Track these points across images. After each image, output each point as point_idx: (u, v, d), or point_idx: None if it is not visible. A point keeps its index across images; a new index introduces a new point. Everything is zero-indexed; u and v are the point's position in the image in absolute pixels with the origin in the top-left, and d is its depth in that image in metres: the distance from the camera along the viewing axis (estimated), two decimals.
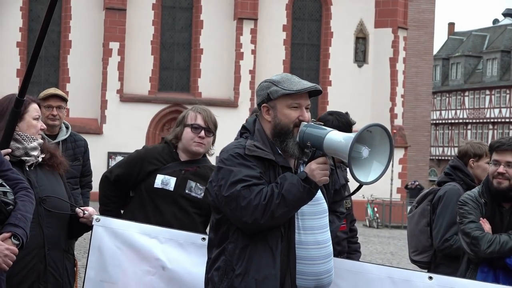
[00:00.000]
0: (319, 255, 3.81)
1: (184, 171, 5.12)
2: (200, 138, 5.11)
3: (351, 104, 36.13)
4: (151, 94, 34.74)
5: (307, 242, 3.79)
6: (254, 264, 3.69)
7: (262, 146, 3.80)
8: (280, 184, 3.66)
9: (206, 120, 5.15)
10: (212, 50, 35.36)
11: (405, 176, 38.07)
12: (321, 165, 3.65)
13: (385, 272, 4.36)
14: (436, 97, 69.76)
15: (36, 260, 4.22)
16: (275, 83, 3.85)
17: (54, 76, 34.89)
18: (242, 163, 3.72)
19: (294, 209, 3.68)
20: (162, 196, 5.05)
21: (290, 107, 3.81)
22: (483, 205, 5.07)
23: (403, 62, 37.34)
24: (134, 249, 4.59)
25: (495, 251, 4.89)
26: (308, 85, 3.83)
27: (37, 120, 4.41)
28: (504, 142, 5.00)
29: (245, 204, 3.63)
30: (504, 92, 65.31)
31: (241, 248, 3.72)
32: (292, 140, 3.79)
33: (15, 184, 4.00)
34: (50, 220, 4.30)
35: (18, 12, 34.43)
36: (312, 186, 3.64)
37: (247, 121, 4.01)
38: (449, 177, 6.14)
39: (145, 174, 5.10)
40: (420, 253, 6.21)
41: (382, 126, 3.62)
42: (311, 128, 3.72)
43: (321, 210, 3.90)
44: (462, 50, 70.22)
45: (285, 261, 3.72)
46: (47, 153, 4.44)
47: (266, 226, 3.65)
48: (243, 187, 3.65)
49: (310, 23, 37.50)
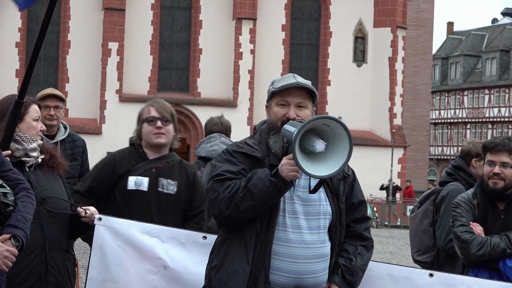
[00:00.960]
0: (304, 254, 3.78)
1: (154, 169, 5.10)
2: (157, 128, 5.08)
3: (350, 104, 36.21)
4: (150, 94, 34.73)
5: (292, 240, 3.78)
6: (228, 257, 3.79)
7: (255, 144, 3.88)
8: (249, 178, 3.73)
9: (160, 111, 5.12)
10: (211, 50, 35.37)
11: (405, 175, 38.09)
12: (290, 160, 3.62)
13: (385, 269, 4.37)
14: (435, 97, 69.77)
15: (37, 260, 4.22)
16: (272, 83, 3.95)
17: (53, 76, 34.90)
18: (228, 159, 3.85)
19: (263, 203, 3.69)
20: (136, 197, 5.03)
21: (278, 105, 3.87)
22: (475, 207, 5.05)
23: (402, 61, 37.36)
24: (135, 248, 4.59)
25: (486, 254, 4.86)
26: (290, 82, 3.85)
27: (37, 121, 4.41)
28: (499, 142, 4.98)
29: (214, 197, 3.77)
30: (503, 92, 65.33)
31: (222, 241, 3.86)
32: (274, 137, 3.85)
33: (16, 184, 4.00)
34: (51, 220, 4.30)
35: (17, 13, 34.40)
36: (279, 181, 3.63)
37: (260, 121, 4.10)
38: (452, 177, 6.14)
39: (117, 178, 5.05)
40: (423, 253, 6.22)
41: (339, 121, 3.61)
42: (289, 125, 3.73)
43: (318, 211, 3.86)
44: (461, 49, 70.23)
45: (261, 257, 3.74)
46: (46, 154, 4.45)
47: (233, 219, 3.75)
48: (216, 181, 3.78)
49: (309, 23, 37.51)
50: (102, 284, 4.60)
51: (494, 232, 4.95)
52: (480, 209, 5.03)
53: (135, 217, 4.75)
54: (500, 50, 66.05)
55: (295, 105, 3.84)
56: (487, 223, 5.00)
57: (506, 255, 4.88)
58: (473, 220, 5.03)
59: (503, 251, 4.86)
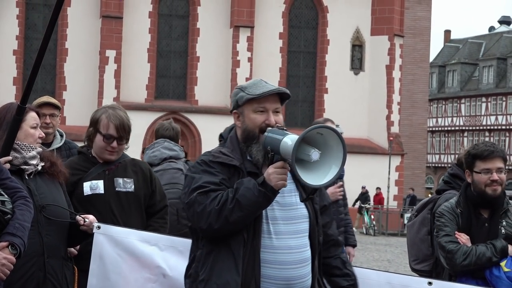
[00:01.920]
0: (290, 260, 3.76)
1: (107, 171, 5.08)
2: (112, 148, 5.08)
3: (348, 112, 36.22)
4: (148, 102, 34.75)
5: (278, 247, 3.75)
6: (216, 269, 3.71)
7: (229, 152, 3.83)
8: (236, 188, 3.67)
9: (119, 129, 5.07)
10: (209, 58, 35.39)
11: (402, 183, 38.09)
12: (278, 169, 3.62)
13: (384, 277, 4.37)
14: (433, 105, 69.82)
15: (35, 268, 4.21)
16: (243, 89, 3.88)
17: (51, 84, 34.89)
18: (205, 170, 3.77)
19: (251, 213, 3.66)
20: (95, 201, 4.99)
21: (256, 112, 3.82)
22: (459, 215, 5.04)
23: (399, 69, 37.40)
24: (134, 257, 4.60)
25: (471, 264, 4.85)
26: (270, 88, 3.81)
27: (35, 128, 4.40)
28: (493, 149, 4.98)
29: (200, 210, 3.68)
30: (500, 100, 65.40)
31: (206, 254, 3.77)
32: (257, 145, 3.80)
33: (14, 193, 4.00)
34: (49, 228, 4.29)
35: (15, 20, 34.44)
36: (268, 190, 3.61)
37: (225, 129, 4.07)
38: (449, 185, 6.14)
39: (72, 186, 4.96)
40: (421, 262, 6.20)
41: (334, 129, 3.59)
42: (272, 133, 3.70)
43: (297, 215, 3.85)
44: (458, 57, 70.31)
45: (250, 266, 3.71)
46: (47, 162, 4.44)
47: (223, 231, 3.68)
48: (199, 193, 3.70)
49: (307, 31, 37.54)
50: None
51: (479, 240, 4.94)
52: (464, 218, 5.02)
53: (100, 221, 4.68)
54: (497, 58, 66.13)
55: (272, 111, 3.82)
56: (471, 231, 4.99)
57: (492, 264, 4.86)
58: (457, 229, 5.01)
59: (489, 259, 4.84)
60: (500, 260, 4.86)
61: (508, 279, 4.79)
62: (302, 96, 37.41)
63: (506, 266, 4.83)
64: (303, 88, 37.47)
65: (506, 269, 4.82)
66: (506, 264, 4.84)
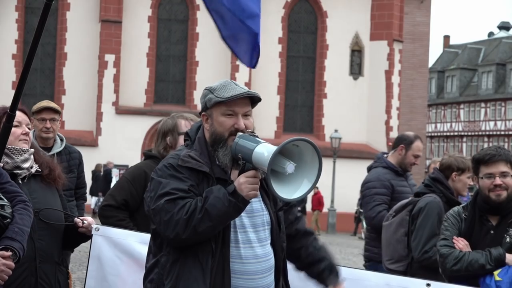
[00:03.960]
0: (258, 269, 3.66)
1: None
2: None
3: (347, 117, 36.22)
4: (147, 106, 34.72)
5: (246, 256, 3.64)
6: (183, 280, 3.56)
7: (198, 156, 3.67)
8: (205, 197, 3.52)
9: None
10: (208, 63, 35.37)
11: None
12: (250, 178, 3.48)
13: (382, 279, 4.37)
14: (432, 110, 69.84)
15: (27, 273, 4.19)
16: (212, 91, 3.74)
17: (50, 88, 34.87)
18: (173, 175, 3.61)
19: (220, 223, 3.52)
20: None
21: (225, 115, 3.66)
22: (463, 220, 4.97)
23: (398, 74, 37.40)
24: (133, 258, 4.60)
25: (462, 269, 4.78)
26: (240, 92, 3.65)
27: (16, 127, 4.31)
28: (495, 153, 4.86)
29: (168, 219, 3.52)
30: (499, 105, 65.42)
31: (172, 262, 3.61)
32: (223, 149, 3.65)
33: (13, 197, 3.99)
34: (42, 232, 4.27)
35: (14, 25, 34.44)
36: (239, 201, 3.47)
37: (192, 127, 3.89)
38: (429, 189, 6.17)
39: None
40: (396, 262, 6.27)
41: (310, 142, 3.44)
42: (243, 139, 3.56)
43: (261, 222, 3.73)
44: (458, 63, 70.35)
45: (219, 277, 3.57)
46: (46, 168, 4.41)
47: (191, 240, 3.53)
48: (167, 201, 3.53)
49: (306, 36, 37.55)
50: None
51: (481, 247, 4.84)
52: (467, 223, 4.94)
53: None
54: (496, 64, 66.17)
55: (242, 115, 3.68)
56: (473, 237, 4.90)
57: (486, 271, 4.76)
58: (458, 234, 4.95)
59: (482, 267, 4.75)
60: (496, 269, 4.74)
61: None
62: (301, 101, 37.40)
63: (498, 275, 4.71)
64: (302, 93, 37.46)
65: (498, 278, 4.70)
66: (500, 273, 4.72)
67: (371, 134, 37.02)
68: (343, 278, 3.95)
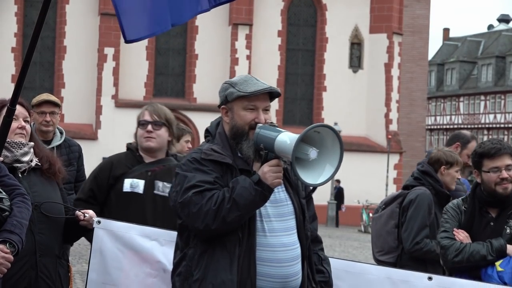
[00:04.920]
0: (286, 257, 3.76)
1: (150, 172, 5.09)
2: (148, 132, 5.09)
3: (346, 110, 36.24)
4: (146, 100, 34.69)
5: (273, 244, 3.74)
6: (211, 269, 3.68)
7: (220, 149, 3.78)
8: (232, 188, 3.63)
9: (153, 114, 5.13)
10: (207, 56, 35.38)
11: (400, 181, 38.04)
12: (273, 167, 3.61)
13: (384, 272, 4.39)
14: (431, 103, 69.84)
15: (28, 266, 4.20)
16: (233, 85, 3.83)
17: (49, 81, 34.88)
18: (198, 168, 3.72)
19: (248, 212, 3.64)
20: (132, 200, 5.01)
21: (246, 109, 3.78)
22: (462, 213, 4.98)
23: (398, 67, 37.40)
24: (135, 252, 4.61)
25: (463, 260, 4.79)
26: (263, 87, 3.77)
27: (13, 120, 4.26)
28: (499, 147, 4.85)
29: (196, 210, 3.63)
30: (499, 98, 65.42)
31: (200, 253, 3.73)
32: (247, 142, 3.76)
33: (12, 190, 3.99)
34: (42, 226, 4.27)
35: (13, 18, 34.42)
36: (264, 189, 3.60)
37: (211, 124, 3.99)
38: (418, 181, 6.24)
39: (114, 180, 5.05)
40: (386, 254, 6.34)
41: (331, 127, 3.56)
42: (264, 130, 3.68)
43: (286, 212, 3.84)
44: (457, 55, 70.32)
45: (246, 265, 3.69)
46: (46, 163, 4.41)
47: (220, 231, 3.65)
48: (195, 193, 3.64)
49: (305, 29, 37.54)
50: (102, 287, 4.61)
51: (482, 238, 4.85)
52: (467, 215, 4.95)
53: (129, 220, 4.72)
54: (496, 57, 66.14)
55: (262, 109, 3.80)
56: (473, 229, 4.92)
57: (487, 262, 4.78)
58: (458, 226, 4.96)
59: (483, 258, 4.77)
60: (498, 260, 4.76)
61: (500, 279, 4.69)
62: (301, 94, 37.41)
63: (500, 266, 4.74)
64: (301, 86, 37.47)
65: (500, 268, 4.73)
66: (501, 264, 4.74)
67: (371, 127, 37.04)
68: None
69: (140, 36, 4.34)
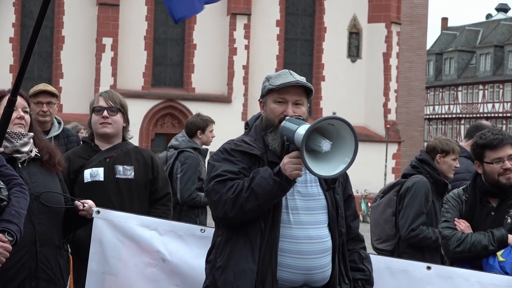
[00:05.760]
0: (311, 249, 3.80)
1: (108, 159, 5.12)
2: (103, 118, 5.13)
3: (345, 99, 36.21)
4: (145, 90, 34.71)
5: (298, 237, 3.79)
6: (234, 257, 3.76)
7: (252, 141, 3.86)
8: (252, 178, 3.71)
9: (108, 100, 5.17)
10: (206, 46, 35.32)
11: (399, 171, 38.05)
12: (293, 159, 3.65)
13: (383, 262, 4.41)
14: (430, 92, 69.81)
15: (28, 256, 4.21)
16: (268, 79, 3.94)
17: (47, 71, 34.81)
18: (226, 158, 3.83)
19: (266, 202, 3.69)
20: (95, 189, 5.02)
21: (276, 102, 3.86)
22: (463, 202, 4.98)
23: (396, 57, 37.37)
24: (134, 241, 4.63)
25: (465, 251, 4.79)
26: (289, 80, 3.85)
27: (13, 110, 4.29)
28: (502, 138, 4.84)
29: (217, 198, 3.74)
30: (497, 87, 65.41)
31: (225, 241, 3.82)
32: (272, 134, 3.84)
33: (9, 180, 4.00)
34: (42, 216, 4.28)
35: (11, 8, 34.32)
36: (283, 180, 3.64)
37: (251, 117, 4.10)
38: (416, 170, 6.33)
39: (74, 174, 5.07)
40: (384, 242, 6.43)
41: (345, 120, 3.60)
42: (288, 122, 3.74)
43: (317, 206, 3.88)
44: (456, 45, 70.26)
45: (267, 255, 3.74)
46: (46, 154, 4.42)
47: (239, 219, 3.73)
48: (217, 182, 3.76)
49: (304, 18, 37.47)
50: (101, 277, 4.65)
51: (483, 228, 4.85)
52: (468, 205, 4.96)
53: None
54: (494, 46, 66.09)
55: (292, 103, 3.85)
56: (474, 219, 4.92)
57: (489, 252, 4.78)
58: (459, 216, 4.96)
59: (485, 248, 4.77)
60: (499, 250, 4.76)
61: (502, 269, 4.70)
62: None
63: (502, 256, 4.74)
64: (300, 75, 37.37)
65: (501, 258, 4.74)
66: (503, 253, 4.75)
67: (369, 117, 37.03)
68: None
69: (184, 15, 4.55)
